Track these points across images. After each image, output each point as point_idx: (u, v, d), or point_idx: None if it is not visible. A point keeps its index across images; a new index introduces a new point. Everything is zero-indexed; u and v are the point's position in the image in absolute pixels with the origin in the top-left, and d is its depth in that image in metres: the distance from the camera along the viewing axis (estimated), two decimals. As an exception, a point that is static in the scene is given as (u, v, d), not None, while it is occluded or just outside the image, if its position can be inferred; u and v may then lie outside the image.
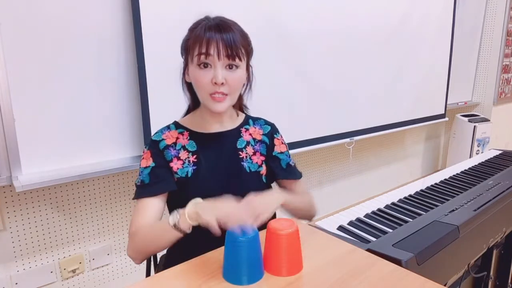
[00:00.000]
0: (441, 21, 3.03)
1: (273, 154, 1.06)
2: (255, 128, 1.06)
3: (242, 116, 1.07)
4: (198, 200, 0.82)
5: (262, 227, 0.83)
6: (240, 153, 1.01)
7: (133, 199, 0.96)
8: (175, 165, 0.96)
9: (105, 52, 1.51)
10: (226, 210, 0.76)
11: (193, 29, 0.92)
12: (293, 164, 1.08)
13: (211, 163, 0.98)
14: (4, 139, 1.34)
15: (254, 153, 1.02)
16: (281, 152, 1.07)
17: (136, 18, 1.51)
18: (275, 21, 1.97)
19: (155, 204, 0.94)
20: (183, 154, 0.98)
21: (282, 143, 1.09)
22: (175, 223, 0.80)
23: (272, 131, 1.08)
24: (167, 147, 0.97)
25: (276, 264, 0.76)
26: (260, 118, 1.09)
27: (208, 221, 0.74)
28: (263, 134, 1.06)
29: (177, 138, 0.99)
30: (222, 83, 0.89)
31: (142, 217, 0.92)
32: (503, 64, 3.61)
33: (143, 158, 0.98)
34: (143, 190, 0.94)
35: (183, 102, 1.07)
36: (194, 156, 0.98)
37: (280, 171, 1.05)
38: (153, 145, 0.98)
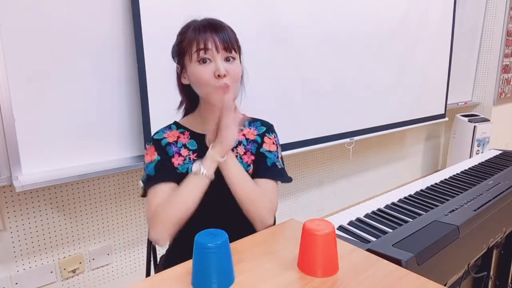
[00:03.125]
0: (441, 21, 3.03)
1: (260, 150, 1.04)
2: (249, 129, 1.06)
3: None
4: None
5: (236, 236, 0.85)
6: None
7: (142, 195, 0.96)
8: (176, 160, 0.99)
9: (105, 52, 1.51)
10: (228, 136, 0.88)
11: (184, 32, 0.93)
12: (279, 167, 1.04)
13: None
14: (4, 139, 1.34)
15: (245, 153, 1.03)
16: (269, 151, 1.04)
17: (136, 18, 1.51)
18: (275, 21, 1.97)
19: (168, 187, 0.93)
20: (184, 152, 1.00)
21: (274, 143, 1.06)
22: (201, 166, 0.87)
23: (266, 131, 1.06)
24: (169, 144, 1.00)
25: (311, 264, 0.76)
26: (258, 120, 1.08)
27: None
28: (257, 135, 1.05)
29: (178, 137, 1.01)
30: (225, 75, 0.90)
31: (158, 198, 0.91)
32: (503, 64, 3.61)
33: (147, 154, 0.99)
34: (152, 180, 0.94)
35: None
36: (195, 154, 1.00)
37: (262, 170, 1.01)
38: (155, 142, 1.00)
